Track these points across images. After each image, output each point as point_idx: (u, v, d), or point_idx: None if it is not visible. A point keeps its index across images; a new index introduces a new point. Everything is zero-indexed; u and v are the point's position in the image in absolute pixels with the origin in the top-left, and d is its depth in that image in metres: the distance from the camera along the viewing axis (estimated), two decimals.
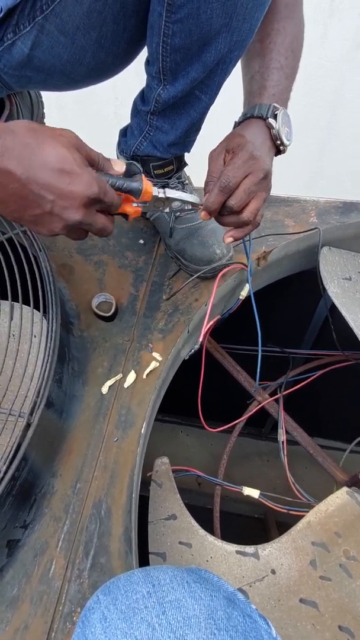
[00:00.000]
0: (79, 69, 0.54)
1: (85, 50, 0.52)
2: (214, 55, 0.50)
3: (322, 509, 0.60)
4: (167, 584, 0.32)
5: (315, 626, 0.51)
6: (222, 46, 0.49)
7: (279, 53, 0.56)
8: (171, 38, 0.48)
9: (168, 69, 0.52)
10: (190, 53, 0.50)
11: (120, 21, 0.50)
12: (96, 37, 0.51)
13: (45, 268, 0.60)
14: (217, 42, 0.49)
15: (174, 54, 0.50)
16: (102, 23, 0.50)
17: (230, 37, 0.48)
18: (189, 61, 0.51)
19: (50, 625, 0.46)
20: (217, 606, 0.31)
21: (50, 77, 0.56)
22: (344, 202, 0.80)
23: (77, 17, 0.48)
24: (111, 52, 0.54)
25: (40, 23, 0.49)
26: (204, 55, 0.50)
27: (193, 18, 0.46)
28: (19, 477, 0.48)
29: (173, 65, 0.51)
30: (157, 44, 0.50)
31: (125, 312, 0.68)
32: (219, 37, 0.48)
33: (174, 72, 0.52)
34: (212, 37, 0.48)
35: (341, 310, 0.67)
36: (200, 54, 0.50)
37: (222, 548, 0.57)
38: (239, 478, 1.17)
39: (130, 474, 0.53)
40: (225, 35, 0.48)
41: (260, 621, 0.34)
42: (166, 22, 0.47)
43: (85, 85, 0.59)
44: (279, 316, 0.99)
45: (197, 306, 0.67)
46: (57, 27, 0.49)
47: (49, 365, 0.52)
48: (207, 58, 0.50)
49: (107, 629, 0.29)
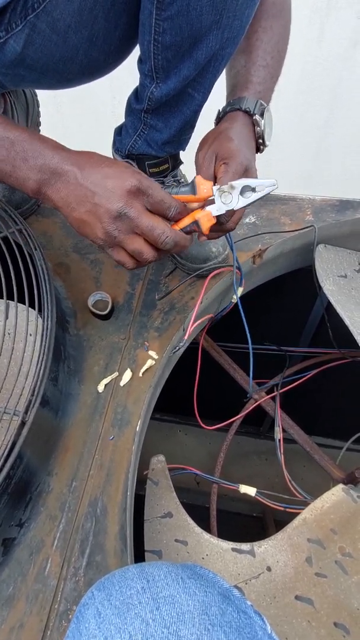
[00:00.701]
0: (71, 67, 0.54)
1: (77, 48, 0.52)
2: (205, 52, 0.50)
3: (318, 505, 0.60)
4: (161, 579, 0.32)
5: (310, 623, 0.51)
6: (213, 43, 0.49)
7: (266, 51, 0.57)
8: (162, 35, 0.48)
9: (160, 67, 0.52)
10: (181, 50, 0.50)
11: (111, 19, 0.50)
12: (88, 35, 0.51)
13: (40, 266, 0.60)
14: (208, 39, 0.49)
15: (165, 52, 0.50)
16: (93, 21, 0.50)
17: (221, 34, 0.48)
18: (180, 58, 0.51)
19: (45, 623, 0.45)
20: (211, 602, 0.32)
21: (43, 75, 0.56)
22: (340, 200, 0.80)
23: (68, 15, 0.48)
24: (103, 50, 0.54)
25: (32, 21, 0.49)
26: (195, 53, 0.50)
27: (183, 15, 0.46)
28: (14, 476, 0.48)
29: (165, 63, 0.51)
30: (149, 41, 0.50)
31: (121, 310, 0.68)
32: (209, 34, 0.48)
33: (166, 70, 0.52)
34: (203, 34, 0.48)
35: (337, 307, 0.68)
36: (191, 51, 0.50)
37: (217, 545, 0.57)
38: (237, 477, 1.17)
39: (126, 472, 0.53)
40: (216, 32, 0.48)
41: (255, 617, 0.34)
42: (156, 20, 0.47)
43: (79, 83, 0.59)
44: (276, 314, 0.99)
45: (193, 305, 0.67)
46: (48, 25, 0.49)
47: (44, 363, 0.52)
48: (199, 55, 0.50)
49: (101, 625, 0.30)
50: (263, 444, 1.34)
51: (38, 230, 0.76)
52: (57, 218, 0.78)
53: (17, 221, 0.63)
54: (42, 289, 0.58)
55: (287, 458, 0.78)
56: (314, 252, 0.74)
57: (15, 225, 0.63)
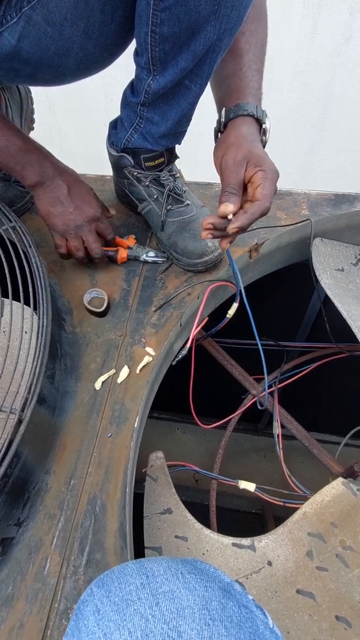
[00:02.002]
0: (66, 61, 0.54)
1: (73, 41, 0.51)
2: (202, 43, 0.50)
3: (318, 499, 0.60)
4: (161, 575, 0.32)
5: (312, 617, 0.50)
6: (211, 34, 0.49)
7: (255, 55, 0.58)
8: (159, 27, 0.48)
9: (157, 59, 0.51)
10: (179, 42, 0.49)
11: (107, 11, 0.50)
12: (84, 28, 0.50)
13: (35, 264, 0.59)
14: (205, 30, 0.48)
15: (162, 44, 0.50)
16: (89, 13, 0.49)
17: (219, 24, 0.48)
18: (178, 50, 0.50)
19: (45, 622, 0.45)
20: (211, 597, 0.31)
21: (38, 69, 0.55)
22: (335, 194, 0.80)
23: (64, 8, 0.48)
24: (99, 43, 0.53)
25: (27, 14, 0.48)
26: (193, 44, 0.50)
27: (181, 5, 0.46)
28: (12, 475, 0.48)
29: (162, 54, 0.51)
30: (146, 33, 0.49)
31: (117, 307, 0.68)
32: (207, 25, 0.48)
33: (163, 62, 0.52)
34: (201, 25, 0.48)
35: (334, 301, 0.67)
36: (189, 42, 0.49)
37: (218, 541, 0.57)
38: (235, 474, 1.17)
39: (125, 470, 0.53)
40: (214, 23, 0.48)
41: (257, 611, 0.34)
42: (154, 11, 0.47)
43: (74, 79, 0.59)
44: (272, 309, 0.99)
45: (190, 300, 0.67)
46: (44, 18, 0.48)
47: (40, 361, 0.51)
48: (196, 47, 0.50)
49: (100, 621, 0.29)
50: (261, 441, 1.34)
51: (32, 228, 0.75)
52: None
53: (10, 218, 0.63)
54: (37, 286, 0.57)
55: (285, 454, 0.78)
56: (310, 245, 0.74)
57: (9, 222, 0.62)
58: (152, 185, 0.68)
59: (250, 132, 0.55)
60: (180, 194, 0.68)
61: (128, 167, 0.67)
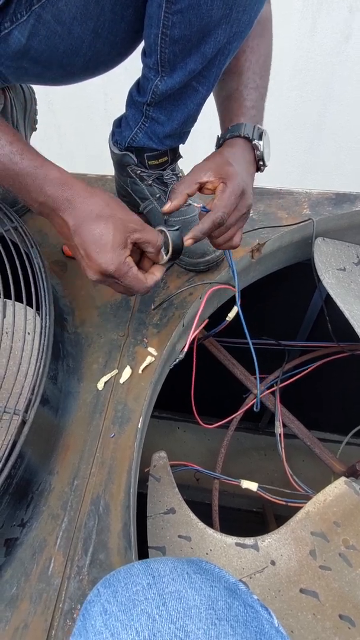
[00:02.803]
0: (75, 60, 0.54)
1: (82, 40, 0.51)
2: (212, 46, 0.49)
3: (321, 499, 0.60)
4: (167, 575, 0.32)
5: (315, 616, 0.51)
6: (221, 37, 0.49)
7: (255, 72, 0.58)
8: (171, 29, 0.48)
9: (166, 61, 0.51)
10: (189, 45, 0.49)
11: (117, 11, 0.50)
12: (93, 27, 0.50)
13: (37, 265, 0.59)
14: (216, 33, 0.48)
15: (172, 46, 0.49)
16: (99, 12, 0.49)
17: (229, 28, 0.48)
18: (188, 52, 0.50)
19: (50, 623, 0.45)
20: (217, 596, 0.31)
21: (46, 69, 0.55)
22: (337, 194, 0.80)
23: (73, 6, 0.48)
24: (108, 42, 0.53)
25: (37, 12, 0.48)
26: (203, 47, 0.49)
27: (194, 9, 0.46)
28: (16, 475, 0.48)
29: (172, 56, 0.51)
30: (156, 35, 0.49)
31: (119, 307, 0.68)
32: (218, 28, 0.48)
33: (172, 64, 0.51)
34: (212, 28, 0.48)
35: (336, 300, 0.67)
36: (199, 45, 0.49)
37: (221, 540, 0.57)
38: (237, 473, 1.18)
39: (128, 470, 0.53)
40: (225, 26, 0.48)
41: (262, 611, 0.34)
42: (166, 13, 0.47)
43: (82, 79, 0.59)
44: (274, 308, 0.99)
45: (192, 300, 0.67)
46: (53, 16, 0.48)
47: (43, 361, 0.51)
48: (206, 49, 0.50)
49: (108, 621, 0.29)
50: (262, 440, 1.35)
51: (33, 228, 0.75)
52: None
53: (12, 219, 0.63)
54: (40, 287, 0.57)
55: (287, 453, 0.78)
56: (312, 245, 0.74)
57: (10, 222, 0.62)
58: (154, 184, 0.68)
59: (232, 153, 0.55)
60: None
61: (131, 165, 0.67)
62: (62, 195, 0.48)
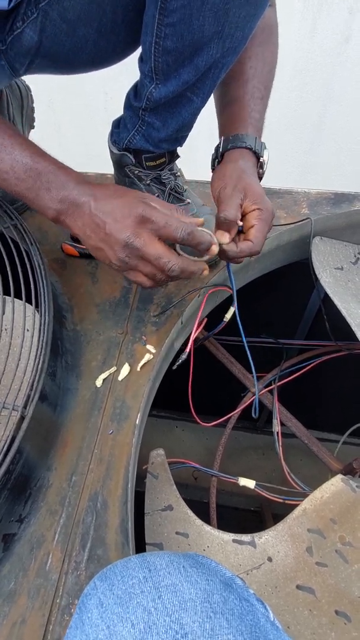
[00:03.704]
0: (80, 57, 0.55)
1: (87, 39, 0.52)
2: (205, 59, 0.50)
3: (318, 496, 0.60)
4: (163, 568, 0.32)
5: (312, 611, 0.51)
6: (214, 51, 0.49)
7: (260, 81, 0.58)
8: (163, 40, 0.48)
9: (160, 70, 0.52)
10: (182, 56, 0.50)
11: (119, 12, 0.50)
12: (97, 27, 0.51)
13: (36, 262, 0.59)
14: (209, 47, 0.48)
15: (165, 56, 0.50)
16: (101, 14, 0.50)
17: (222, 43, 0.48)
18: (180, 64, 0.50)
19: (47, 618, 0.45)
20: (213, 590, 0.32)
21: (54, 63, 0.56)
22: (335, 194, 0.80)
23: (78, 5, 0.49)
24: (111, 41, 0.54)
25: (44, 9, 0.49)
26: (195, 59, 0.50)
27: (185, 23, 0.46)
28: (14, 471, 0.48)
29: (165, 66, 0.51)
30: (150, 43, 0.50)
31: (118, 305, 0.68)
32: (211, 42, 0.48)
33: (166, 73, 0.52)
34: (205, 43, 0.48)
35: (334, 299, 0.68)
36: (192, 57, 0.50)
37: (218, 537, 0.57)
38: (235, 472, 1.18)
39: (126, 466, 0.53)
40: (217, 41, 0.48)
41: (258, 605, 0.34)
42: (159, 24, 0.47)
43: (86, 71, 0.60)
44: (272, 307, 0.99)
45: (191, 298, 0.67)
46: (59, 15, 0.49)
47: (42, 358, 0.52)
48: (199, 62, 0.50)
49: (104, 614, 0.30)
50: (260, 439, 1.35)
51: (33, 226, 0.75)
52: None
53: (12, 216, 0.63)
54: (39, 284, 0.57)
55: (284, 452, 0.78)
56: (310, 244, 0.74)
57: (10, 220, 0.62)
58: (153, 184, 0.68)
59: (248, 167, 0.56)
60: (181, 192, 0.69)
61: (129, 165, 0.67)
62: (84, 188, 0.49)
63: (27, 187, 0.48)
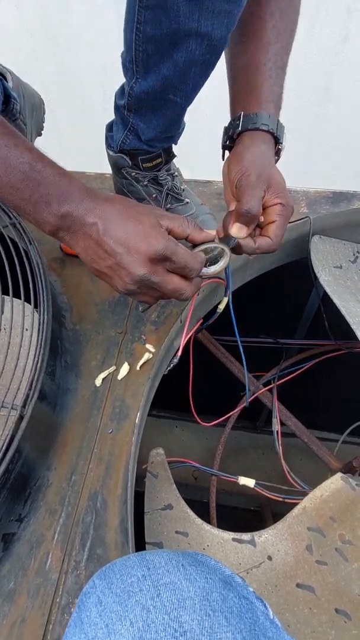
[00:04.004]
0: None
1: None
2: (185, 55, 0.49)
3: (317, 494, 0.60)
4: (162, 567, 0.32)
5: (312, 610, 0.51)
6: (192, 47, 0.48)
7: (283, 47, 0.51)
8: (143, 25, 0.48)
9: (140, 60, 0.51)
10: (161, 47, 0.49)
11: None
12: None
13: (35, 261, 0.59)
14: (188, 42, 0.47)
15: (145, 44, 0.49)
16: None
17: (200, 40, 0.47)
18: (160, 56, 0.50)
19: (47, 617, 0.45)
20: (212, 588, 0.32)
21: None
22: (334, 192, 0.80)
23: None
24: None
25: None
26: (175, 53, 0.49)
27: (162, 8, 0.45)
28: (13, 470, 0.48)
29: (145, 56, 0.50)
30: (132, 30, 0.49)
31: (117, 304, 0.68)
32: (189, 38, 0.47)
33: (146, 65, 0.51)
34: (182, 36, 0.47)
35: (333, 298, 0.68)
36: (171, 51, 0.49)
37: (218, 536, 0.57)
38: (234, 471, 1.18)
39: (126, 465, 0.53)
40: (195, 38, 0.47)
41: (257, 603, 0.34)
42: (139, 7, 0.47)
43: None
44: (272, 306, 0.99)
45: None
46: None
47: (41, 357, 0.52)
48: (178, 57, 0.49)
49: (103, 613, 0.29)
50: (260, 439, 1.35)
51: (32, 225, 0.75)
52: None
53: (10, 215, 0.63)
54: (38, 283, 0.57)
55: (284, 452, 0.78)
56: (309, 243, 0.74)
57: (9, 219, 0.62)
58: (150, 185, 0.68)
59: (270, 154, 0.52)
60: (179, 192, 0.69)
61: (126, 167, 0.67)
62: (88, 204, 0.43)
63: (23, 197, 0.42)
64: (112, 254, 0.43)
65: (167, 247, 0.43)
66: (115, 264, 0.43)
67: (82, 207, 0.43)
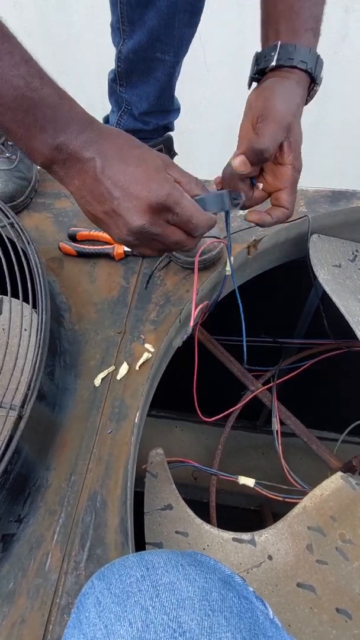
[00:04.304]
0: None
1: None
2: (166, 0, 0.48)
3: (317, 493, 0.60)
4: (161, 567, 0.32)
5: (312, 609, 0.51)
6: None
7: None
8: None
9: (125, 15, 0.51)
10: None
11: None
12: None
13: (34, 261, 0.59)
14: None
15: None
16: None
17: None
18: (144, 7, 0.49)
19: (47, 617, 0.45)
20: (211, 588, 0.31)
21: None
22: (333, 191, 0.80)
23: None
24: None
25: None
26: (157, 1, 0.48)
27: None
28: (12, 471, 0.48)
29: (129, 9, 0.50)
30: None
31: (116, 304, 0.68)
32: None
33: (131, 19, 0.51)
34: None
35: (332, 296, 0.68)
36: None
37: (218, 536, 0.57)
38: (234, 471, 1.17)
39: (125, 465, 0.53)
40: None
41: (257, 602, 0.34)
42: None
43: None
44: (271, 306, 0.99)
45: (188, 297, 0.67)
46: None
47: (39, 357, 0.51)
48: (161, 4, 0.48)
49: (101, 613, 0.29)
50: (259, 438, 1.35)
51: (30, 225, 0.75)
52: (50, 213, 0.78)
53: (8, 215, 0.63)
54: (36, 283, 0.57)
55: (284, 451, 0.78)
56: (308, 242, 0.74)
57: (6, 219, 0.62)
58: None
59: (301, 102, 0.46)
60: None
61: None
62: (88, 135, 0.37)
63: (15, 119, 0.35)
64: (109, 197, 0.37)
65: (170, 195, 0.37)
66: (111, 210, 0.38)
67: (80, 139, 0.37)
